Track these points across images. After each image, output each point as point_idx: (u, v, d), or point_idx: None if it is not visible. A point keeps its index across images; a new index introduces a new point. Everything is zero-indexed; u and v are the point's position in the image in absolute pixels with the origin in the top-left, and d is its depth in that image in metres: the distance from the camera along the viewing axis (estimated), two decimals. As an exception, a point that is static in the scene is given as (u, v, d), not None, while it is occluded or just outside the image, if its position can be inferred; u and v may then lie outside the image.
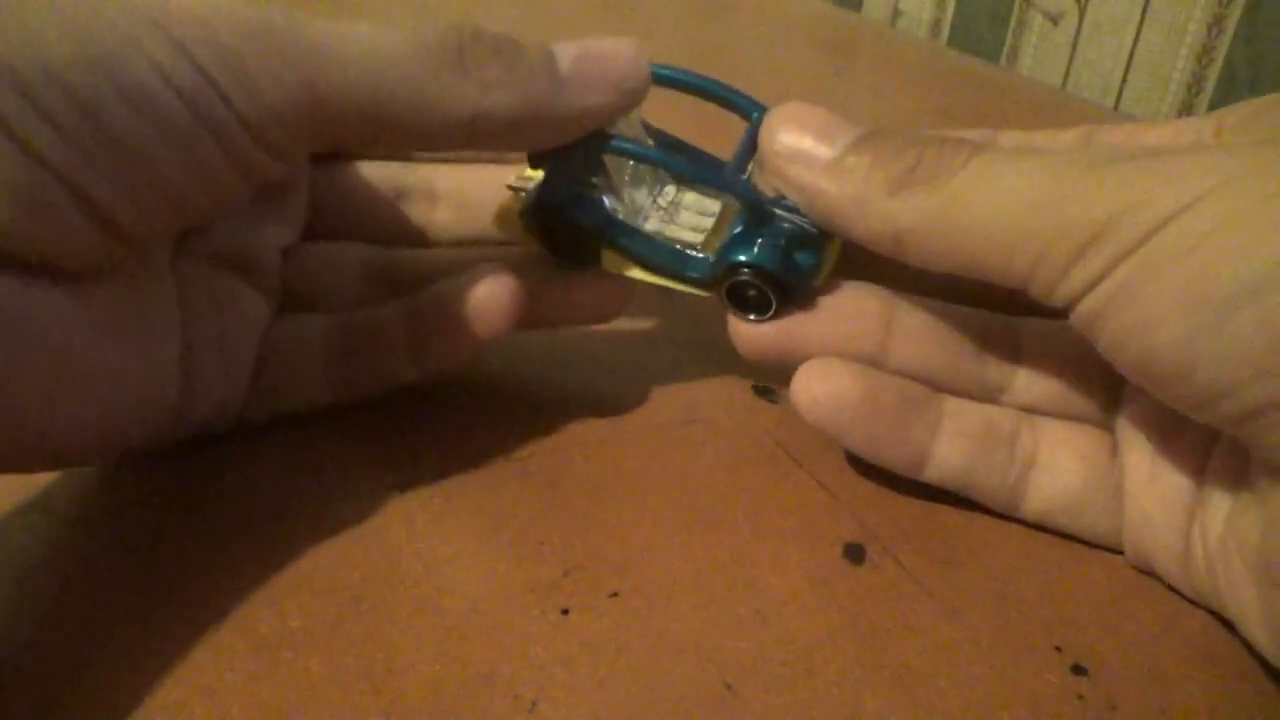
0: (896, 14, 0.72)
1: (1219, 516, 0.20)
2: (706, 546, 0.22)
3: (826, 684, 0.19)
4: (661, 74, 0.25)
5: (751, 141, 0.24)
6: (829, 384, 0.22)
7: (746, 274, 0.23)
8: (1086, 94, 0.58)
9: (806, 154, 0.21)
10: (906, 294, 0.24)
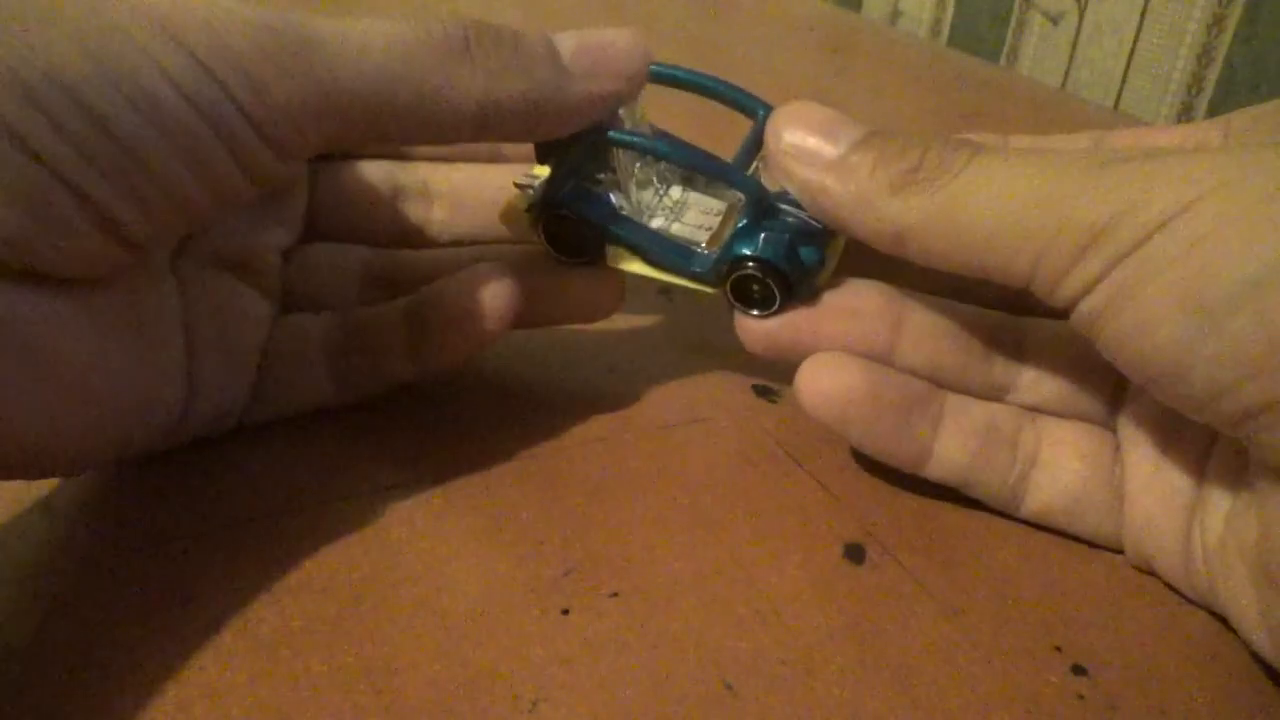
0: (896, 14, 0.72)
1: (1218, 517, 0.20)
2: (706, 546, 0.22)
3: (826, 684, 0.19)
4: (666, 73, 0.25)
5: (756, 140, 0.24)
6: (834, 378, 0.22)
7: (751, 268, 0.23)
8: (1086, 94, 0.58)
9: (811, 152, 0.21)
10: (914, 292, 0.24)
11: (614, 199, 0.24)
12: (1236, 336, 0.16)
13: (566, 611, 0.20)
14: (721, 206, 0.25)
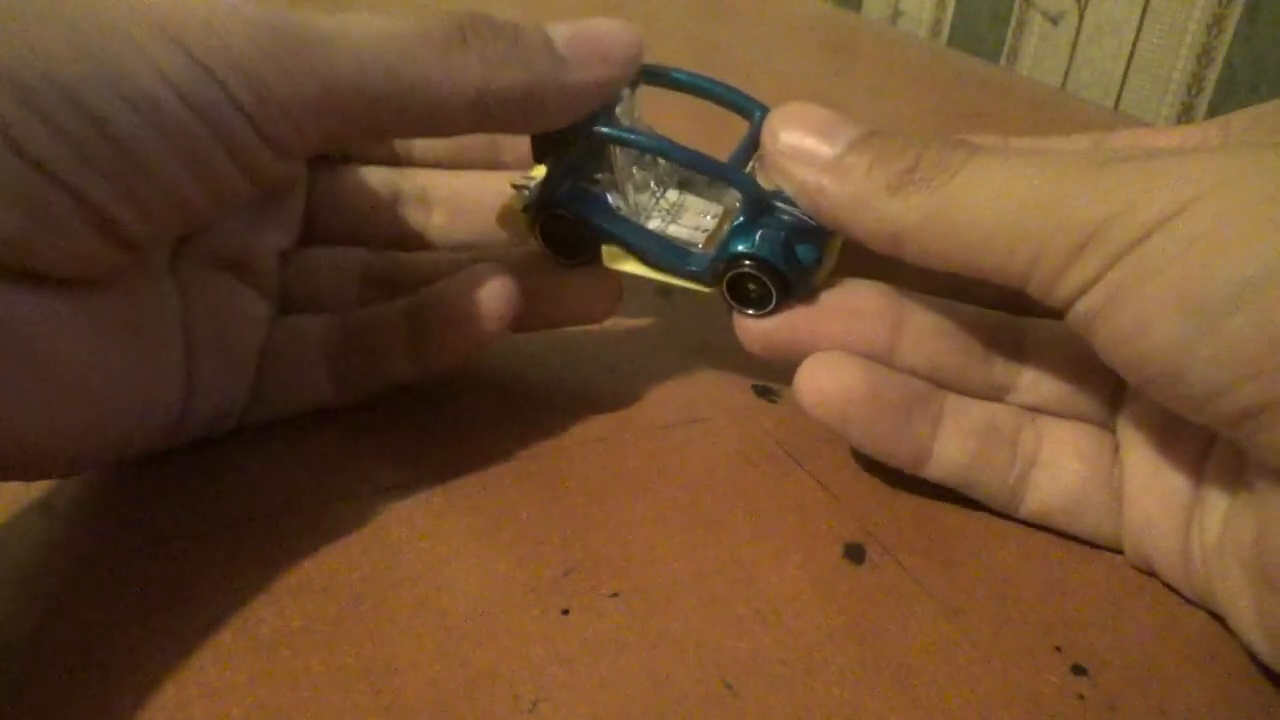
0: (896, 14, 0.72)
1: (1216, 517, 0.20)
2: (706, 546, 0.22)
3: (826, 684, 0.19)
4: (662, 75, 0.25)
5: (752, 140, 0.24)
6: (833, 378, 0.22)
7: (747, 266, 0.23)
8: (1086, 94, 0.58)
9: (808, 152, 0.21)
10: (914, 292, 0.24)
11: (611, 199, 0.24)
12: (1234, 337, 0.16)
13: (566, 611, 0.20)
14: (718, 209, 0.25)
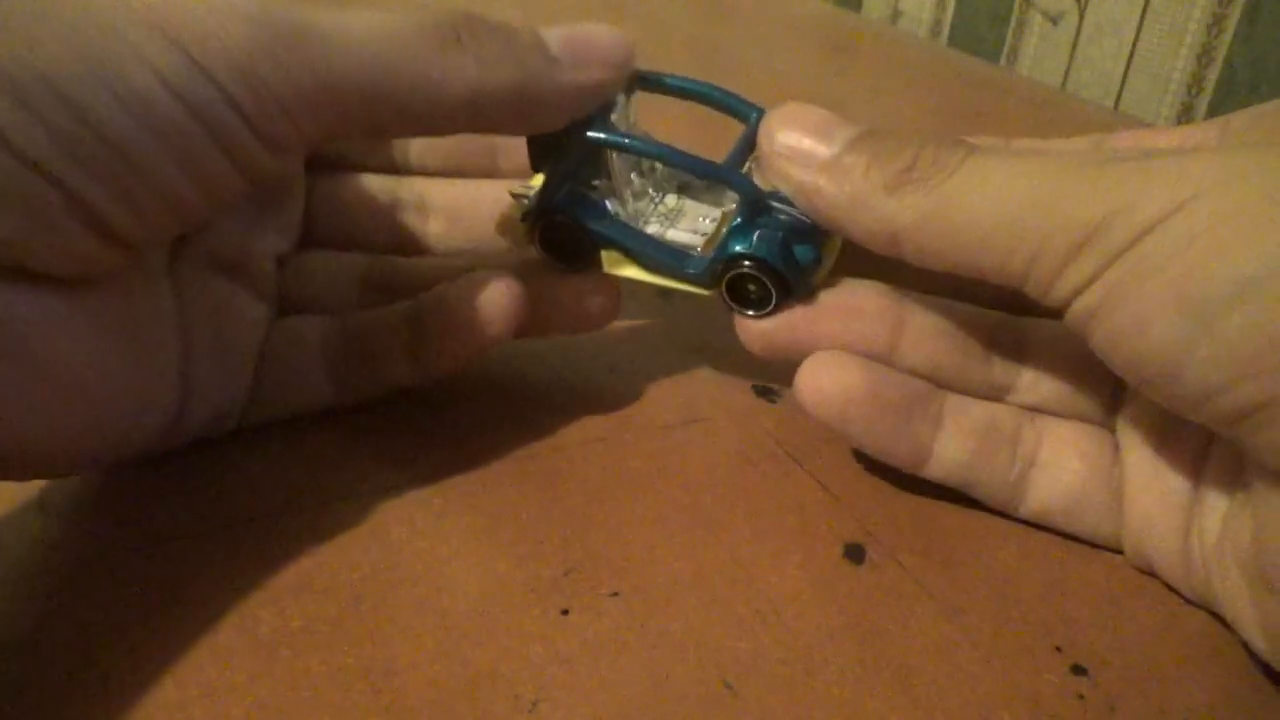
0: (896, 14, 0.72)
1: (1215, 518, 0.20)
2: (706, 546, 0.22)
3: (826, 684, 0.19)
4: (655, 81, 0.25)
5: (748, 142, 0.24)
6: (833, 378, 0.22)
7: (745, 266, 0.23)
8: (1086, 94, 0.58)
9: (805, 153, 0.21)
10: (913, 292, 0.24)
11: (609, 205, 0.24)
12: (1231, 336, 0.16)
13: (566, 611, 0.20)
14: (717, 213, 0.25)
